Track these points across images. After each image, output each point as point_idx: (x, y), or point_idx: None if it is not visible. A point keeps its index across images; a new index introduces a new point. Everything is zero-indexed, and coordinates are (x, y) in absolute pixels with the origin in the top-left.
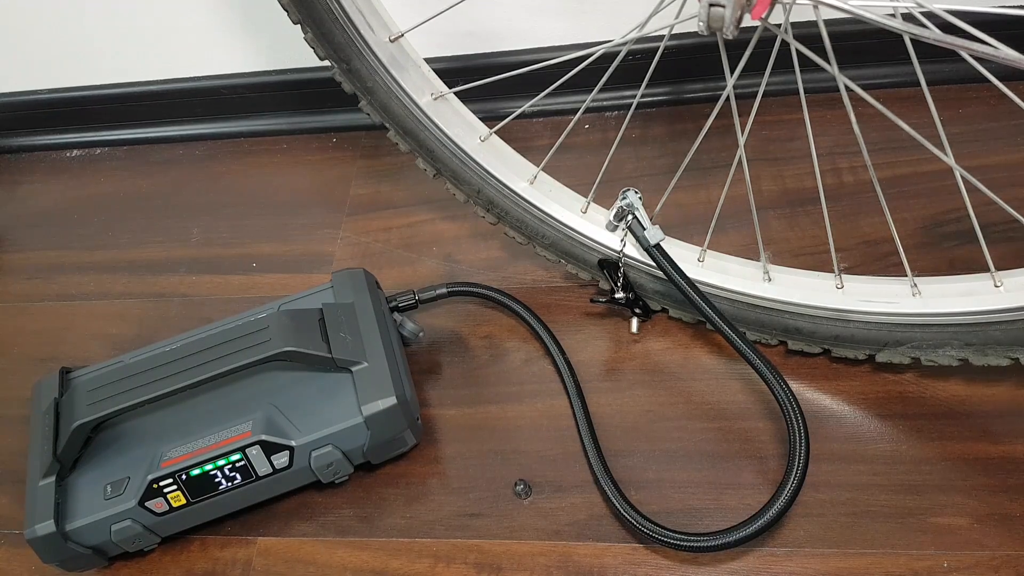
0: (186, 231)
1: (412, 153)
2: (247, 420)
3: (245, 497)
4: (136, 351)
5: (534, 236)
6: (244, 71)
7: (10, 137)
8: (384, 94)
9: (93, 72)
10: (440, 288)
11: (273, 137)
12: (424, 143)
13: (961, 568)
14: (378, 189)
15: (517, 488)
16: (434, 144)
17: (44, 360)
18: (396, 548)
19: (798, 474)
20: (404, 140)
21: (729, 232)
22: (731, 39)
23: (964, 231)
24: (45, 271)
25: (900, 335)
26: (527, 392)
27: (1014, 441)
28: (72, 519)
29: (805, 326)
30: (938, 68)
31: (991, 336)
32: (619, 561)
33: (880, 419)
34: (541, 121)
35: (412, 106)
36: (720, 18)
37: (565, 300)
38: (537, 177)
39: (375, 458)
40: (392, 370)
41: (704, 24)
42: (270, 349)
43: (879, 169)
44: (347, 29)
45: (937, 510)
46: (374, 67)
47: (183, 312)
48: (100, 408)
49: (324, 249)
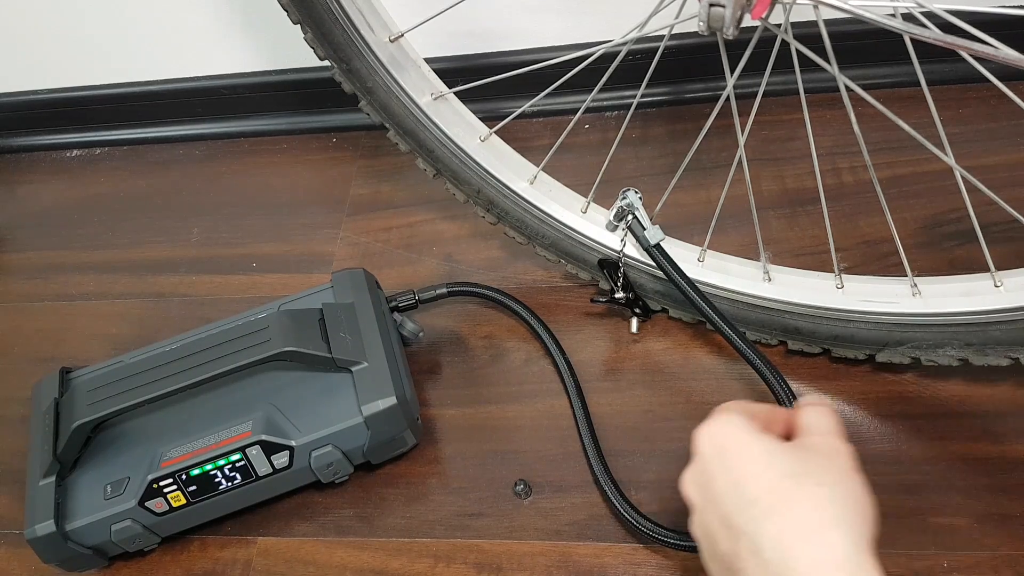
0: (186, 231)
1: (412, 153)
2: (247, 420)
3: (245, 497)
4: (136, 351)
5: (534, 236)
6: (244, 71)
7: (10, 137)
8: (384, 94)
9: (93, 72)
10: (440, 288)
11: (273, 137)
12: (424, 143)
13: (961, 568)
14: (378, 189)
15: (517, 488)
16: (434, 144)
17: (44, 360)
18: (396, 548)
19: None
20: (404, 140)
21: (729, 232)
22: (731, 39)
23: (964, 231)
24: (45, 271)
25: (900, 335)
26: (527, 392)
27: (1014, 441)
28: (72, 519)
29: (805, 326)
30: (938, 68)
31: (991, 336)
32: (619, 561)
33: (880, 419)
34: (541, 121)
35: (412, 106)
36: (720, 18)
37: (565, 300)
38: (537, 177)
39: (375, 458)
40: (392, 370)
41: (704, 24)
42: (270, 349)
43: (879, 169)
44: (347, 29)
45: (937, 510)
46: (374, 67)
47: (183, 312)
48: (100, 408)
49: (324, 249)
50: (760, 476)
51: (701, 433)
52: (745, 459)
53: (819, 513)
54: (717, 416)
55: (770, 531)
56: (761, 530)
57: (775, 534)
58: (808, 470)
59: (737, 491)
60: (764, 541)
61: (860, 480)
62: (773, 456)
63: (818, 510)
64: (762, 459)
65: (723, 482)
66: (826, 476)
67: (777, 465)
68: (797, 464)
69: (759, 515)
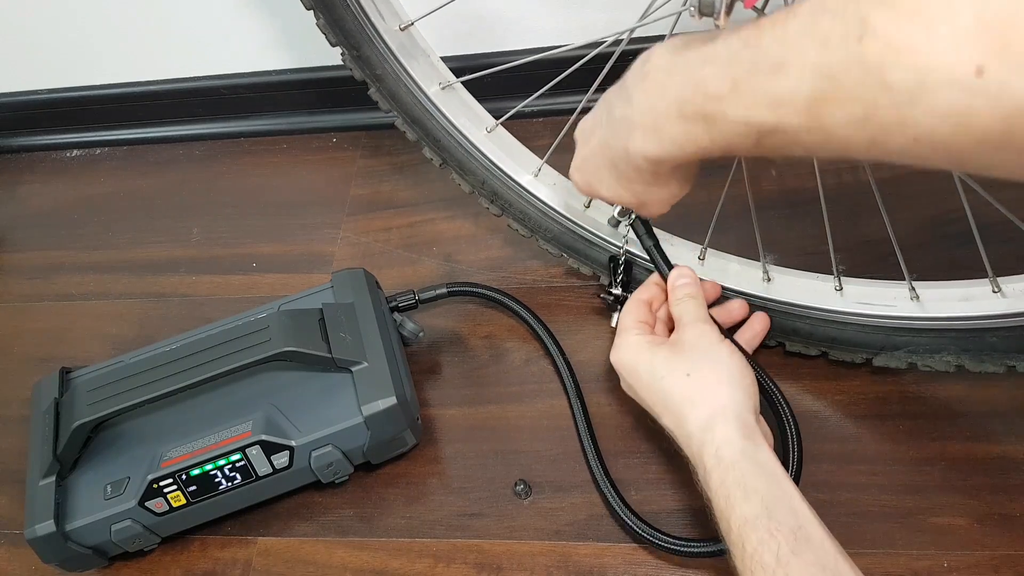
0: (186, 231)
1: (419, 142)
2: (247, 420)
3: (245, 497)
4: (136, 351)
5: (537, 229)
6: (244, 71)
7: (10, 137)
8: (393, 82)
9: (93, 72)
10: (440, 288)
11: (273, 137)
12: (431, 132)
13: (961, 568)
14: (378, 189)
15: (517, 488)
16: (440, 133)
17: (44, 360)
18: (396, 548)
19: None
20: (411, 129)
21: (729, 232)
22: (721, 26)
23: (964, 231)
24: (45, 271)
25: (897, 339)
26: (527, 392)
27: (1014, 441)
28: (72, 519)
29: (803, 327)
30: None
31: (988, 342)
32: (619, 561)
33: (880, 419)
34: (541, 121)
35: (420, 94)
36: (710, 5)
37: (565, 300)
38: (541, 170)
39: (375, 458)
40: (392, 370)
41: (695, 10)
42: (270, 349)
43: (878, 170)
44: (358, 16)
45: (937, 510)
46: (384, 54)
47: (183, 312)
48: (100, 408)
49: (324, 249)
50: (653, 386)
51: (612, 359)
52: (642, 375)
53: (707, 407)
54: (617, 341)
55: (683, 422)
56: (679, 422)
57: (682, 424)
58: (688, 366)
59: (647, 395)
60: (679, 435)
61: (727, 353)
62: (656, 369)
63: (706, 404)
64: (648, 375)
65: (638, 388)
66: (699, 367)
67: (661, 373)
68: (677, 364)
69: (661, 413)
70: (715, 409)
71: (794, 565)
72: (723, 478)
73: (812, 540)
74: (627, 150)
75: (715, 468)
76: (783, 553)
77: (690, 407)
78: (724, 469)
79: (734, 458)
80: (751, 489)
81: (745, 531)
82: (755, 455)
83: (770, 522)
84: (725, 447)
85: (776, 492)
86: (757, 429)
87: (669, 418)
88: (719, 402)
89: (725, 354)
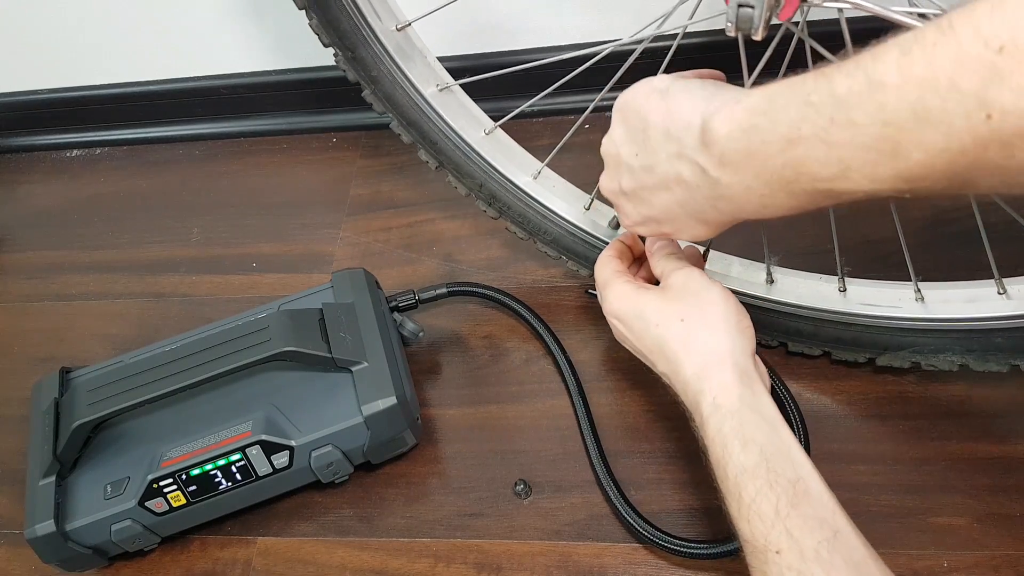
0: (186, 231)
1: (414, 144)
2: (247, 420)
3: (245, 497)
4: (136, 351)
5: (536, 232)
6: (243, 71)
7: (10, 137)
8: (389, 83)
9: (93, 72)
10: (440, 288)
11: (273, 137)
12: (427, 135)
13: (961, 568)
14: (378, 189)
15: (517, 488)
16: (437, 136)
17: (44, 360)
18: (396, 548)
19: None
20: (407, 131)
21: (732, 232)
22: (759, 40)
23: (968, 230)
24: (45, 271)
25: (902, 339)
26: (527, 392)
27: (1014, 441)
28: (72, 519)
29: (806, 328)
30: None
31: (993, 343)
32: (619, 561)
33: (880, 419)
34: (541, 121)
35: (417, 96)
36: (748, 19)
37: (565, 300)
38: (541, 172)
39: (375, 458)
40: (392, 370)
41: (732, 24)
42: (270, 349)
43: None
44: (353, 16)
45: (937, 510)
46: (379, 56)
47: (183, 312)
48: (100, 408)
49: (324, 249)
50: (647, 333)
51: (605, 310)
52: (635, 324)
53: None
54: (605, 293)
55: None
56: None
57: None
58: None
59: (641, 343)
60: (675, 383)
61: (719, 295)
62: (649, 316)
63: (701, 350)
64: (641, 323)
65: (632, 337)
66: (691, 312)
67: (655, 320)
68: (670, 310)
69: (656, 361)
70: (711, 355)
71: (794, 518)
72: (720, 426)
73: (811, 493)
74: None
75: (712, 416)
76: (782, 505)
77: (685, 354)
78: (721, 417)
79: (731, 406)
80: (749, 439)
81: (743, 480)
82: (753, 402)
83: (769, 473)
84: (722, 394)
85: (775, 442)
86: (755, 374)
87: (664, 365)
88: (714, 348)
89: (718, 296)
